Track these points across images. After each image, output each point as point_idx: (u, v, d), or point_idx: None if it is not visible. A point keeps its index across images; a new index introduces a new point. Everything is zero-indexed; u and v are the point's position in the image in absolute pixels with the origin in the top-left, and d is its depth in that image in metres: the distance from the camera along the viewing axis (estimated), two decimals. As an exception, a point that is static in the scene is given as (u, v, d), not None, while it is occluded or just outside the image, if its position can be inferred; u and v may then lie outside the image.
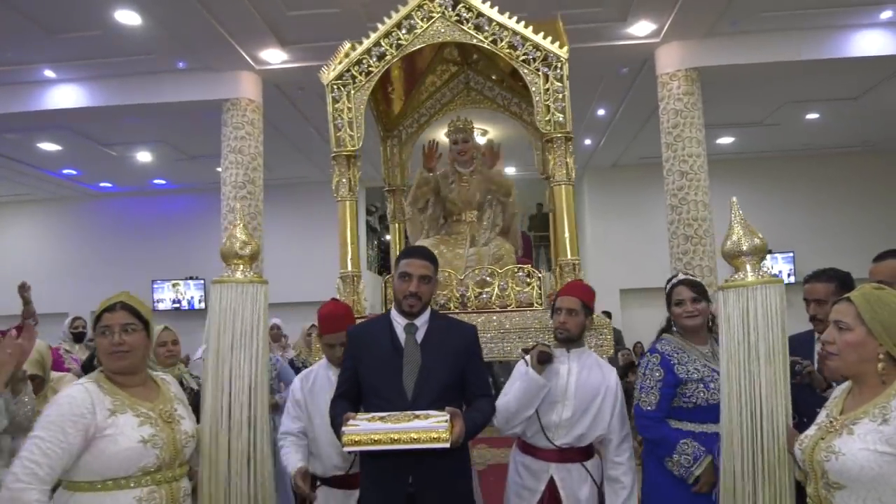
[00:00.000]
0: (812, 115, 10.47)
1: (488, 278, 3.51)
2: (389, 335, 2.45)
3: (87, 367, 4.03)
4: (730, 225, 2.22)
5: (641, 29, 7.47)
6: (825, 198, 12.27)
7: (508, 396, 2.69)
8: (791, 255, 12.15)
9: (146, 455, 1.98)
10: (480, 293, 3.48)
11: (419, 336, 2.45)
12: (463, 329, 2.56)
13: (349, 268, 3.45)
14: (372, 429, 2.12)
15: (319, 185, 12.72)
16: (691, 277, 2.89)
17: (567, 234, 3.35)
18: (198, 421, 2.32)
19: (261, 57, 7.83)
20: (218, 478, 2.27)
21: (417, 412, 2.23)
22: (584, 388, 2.71)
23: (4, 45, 7.31)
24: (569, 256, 3.33)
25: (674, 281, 2.88)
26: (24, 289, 5.26)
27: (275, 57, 7.83)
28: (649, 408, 2.72)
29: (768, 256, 11.95)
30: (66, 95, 8.37)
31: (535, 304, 3.44)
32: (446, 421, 2.15)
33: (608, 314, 11.63)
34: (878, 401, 1.76)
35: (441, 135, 4.26)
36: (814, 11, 7.25)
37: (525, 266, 3.62)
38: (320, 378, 2.87)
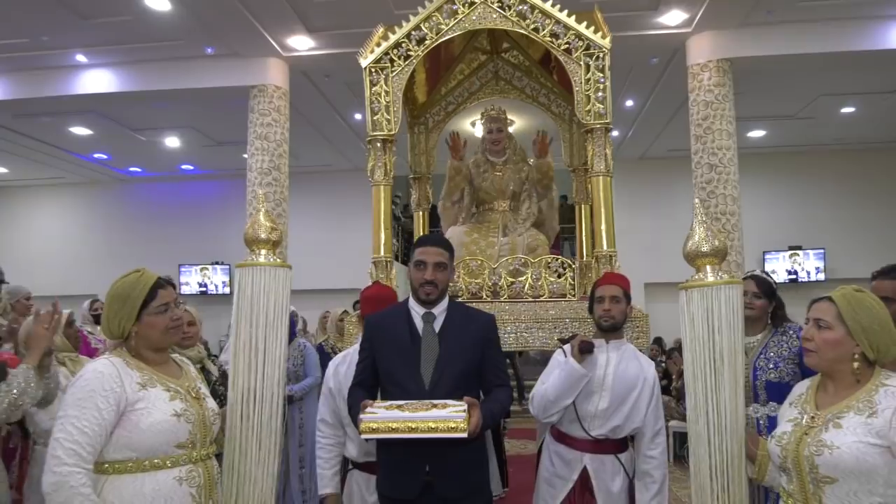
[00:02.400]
0: (848, 109, 10.21)
1: (521, 268, 3.51)
2: (407, 324, 2.44)
3: None
4: (691, 226, 2.22)
5: (673, 18, 7.33)
6: (859, 193, 11.97)
7: (546, 385, 2.68)
8: (822, 251, 11.89)
9: (180, 429, 1.95)
10: (513, 282, 3.48)
11: (437, 325, 2.44)
12: (481, 318, 2.54)
13: (382, 253, 3.44)
14: (389, 417, 2.12)
15: (344, 173, 12.77)
16: (763, 275, 3.07)
17: (604, 226, 3.34)
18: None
19: (288, 43, 7.85)
20: (246, 459, 2.29)
21: (435, 401, 2.22)
22: (622, 379, 2.69)
23: (39, 29, 7.43)
24: (605, 248, 3.34)
25: (747, 273, 3.11)
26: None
27: (302, 44, 7.84)
28: None
29: (800, 252, 11.85)
30: (97, 80, 8.48)
31: (569, 295, 3.44)
32: (464, 411, 2.13)
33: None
34: (861, 395, 1.84)
35: (467, 124, 4.24)
36: (852, 1, 7.04)
37: (559, 256, 3.61)
38: (356, 361, 2.80)
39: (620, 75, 8.76)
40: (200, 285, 13.22)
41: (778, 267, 12.00)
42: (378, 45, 3.42)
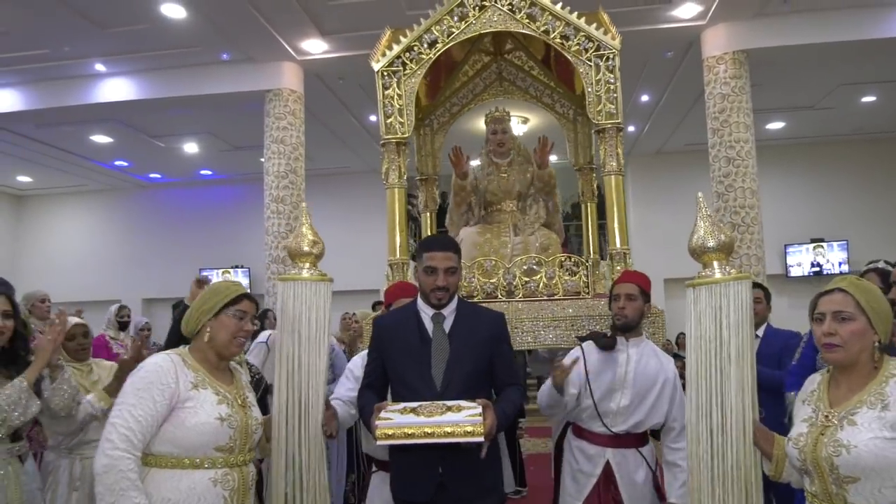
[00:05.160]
0: (868, 98, 10.04)
1: (535, 267, 3.53)
2: (416, 325, 2.42)
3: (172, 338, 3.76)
4: (695, 221, 2.16)
5: (687, 11, 7.27)
6: (880, 184, 11.77)
7: (539, 392, 2.80)
8: (845, 243, 11.72)
9: (221, 433, 2.01)
10: (527, 281, 3.50)
11: (447, 325, 2.42)
12: (491, 316, 2.51)
13: (398, 255, 3.49)
14: (405, 422, 2.10)
15: (360, 175, 12.82)
16: (885, 268, 3.09)
17: (617, 224, 3.38)
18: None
19: (302, 47, 7.90)
20: (294, 469, 2.32)
21: (449, 403, 2.20)
22: (643, 376, 2.72)
23: (60, 40, 7.56)
24: (619, 246, 3.37)
25: (870, 266, 3.15)
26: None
27: (315, 47, 7.89)
28: (793, 362, 3.17)
29: (823, 244, 11.68)
30: (115, 88, 8.61)
31: (583, 293, 3.46)
32: (479, 414, 2.11)
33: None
34: (871, 388, 1.80)
35: (477, 124, 4.26)
36: (870, -12, 6.94)
37: (573, 255, 3.64)
38: None
39: (635, 70, 8.69)
40: (221, 289, 13.34)
41: (802, 260, 11.85)
42: (389, 48, 3.45)
